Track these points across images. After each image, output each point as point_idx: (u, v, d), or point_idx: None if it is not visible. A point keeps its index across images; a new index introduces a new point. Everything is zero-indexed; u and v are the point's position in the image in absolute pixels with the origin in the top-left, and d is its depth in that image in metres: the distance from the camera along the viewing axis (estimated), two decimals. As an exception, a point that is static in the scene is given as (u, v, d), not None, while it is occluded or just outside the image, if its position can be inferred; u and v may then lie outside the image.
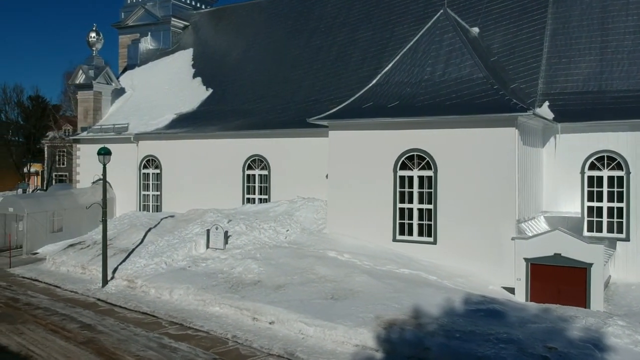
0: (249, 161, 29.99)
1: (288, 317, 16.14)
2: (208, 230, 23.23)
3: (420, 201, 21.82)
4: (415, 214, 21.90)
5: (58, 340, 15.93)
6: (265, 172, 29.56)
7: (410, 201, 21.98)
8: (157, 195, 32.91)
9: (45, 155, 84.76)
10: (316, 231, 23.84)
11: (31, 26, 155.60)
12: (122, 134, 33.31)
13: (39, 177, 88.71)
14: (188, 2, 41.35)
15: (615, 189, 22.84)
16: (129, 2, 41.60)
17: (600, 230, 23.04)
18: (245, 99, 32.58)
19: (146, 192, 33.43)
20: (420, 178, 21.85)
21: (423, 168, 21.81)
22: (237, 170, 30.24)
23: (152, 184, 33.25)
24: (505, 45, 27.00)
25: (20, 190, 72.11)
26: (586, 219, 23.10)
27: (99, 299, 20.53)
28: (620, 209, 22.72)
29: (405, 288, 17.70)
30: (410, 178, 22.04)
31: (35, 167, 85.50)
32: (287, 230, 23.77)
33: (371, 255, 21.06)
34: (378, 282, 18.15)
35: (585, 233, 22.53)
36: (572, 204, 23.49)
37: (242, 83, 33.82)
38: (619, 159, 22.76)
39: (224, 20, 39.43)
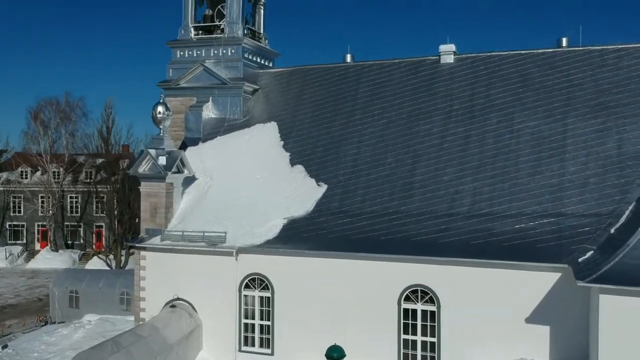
0: (406, 292, 23.44)
1: None
2: None
3: None
4: None
5: None
6: (431, 308, 23.11)
7: None
8: (268, 325, 25.48)
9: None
10: None
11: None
12: (218, 247, 25.60)
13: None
14: (252, 58, 33.65)
15: None
16: (178, 56, 33.39)
17: None
18: (379, 203, 25.76)
19: (249, 321, 25.89)
20: None
21: None
22: (388, 304, 23.63)
23: (258, 310, 25.76)
24: None
25: None
26: None
27: None
28: None
29: None
30: None
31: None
32: None
33: None
34: None
35: None
36: None
37: (366, 178, 26.84)
38: None
39: (311, 84, 31.64)
